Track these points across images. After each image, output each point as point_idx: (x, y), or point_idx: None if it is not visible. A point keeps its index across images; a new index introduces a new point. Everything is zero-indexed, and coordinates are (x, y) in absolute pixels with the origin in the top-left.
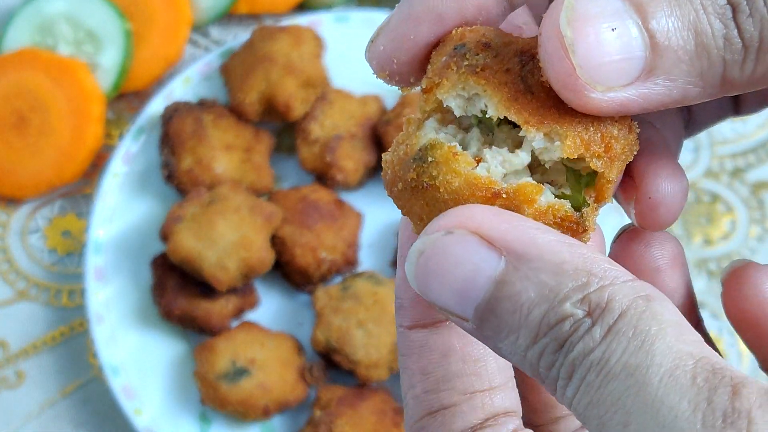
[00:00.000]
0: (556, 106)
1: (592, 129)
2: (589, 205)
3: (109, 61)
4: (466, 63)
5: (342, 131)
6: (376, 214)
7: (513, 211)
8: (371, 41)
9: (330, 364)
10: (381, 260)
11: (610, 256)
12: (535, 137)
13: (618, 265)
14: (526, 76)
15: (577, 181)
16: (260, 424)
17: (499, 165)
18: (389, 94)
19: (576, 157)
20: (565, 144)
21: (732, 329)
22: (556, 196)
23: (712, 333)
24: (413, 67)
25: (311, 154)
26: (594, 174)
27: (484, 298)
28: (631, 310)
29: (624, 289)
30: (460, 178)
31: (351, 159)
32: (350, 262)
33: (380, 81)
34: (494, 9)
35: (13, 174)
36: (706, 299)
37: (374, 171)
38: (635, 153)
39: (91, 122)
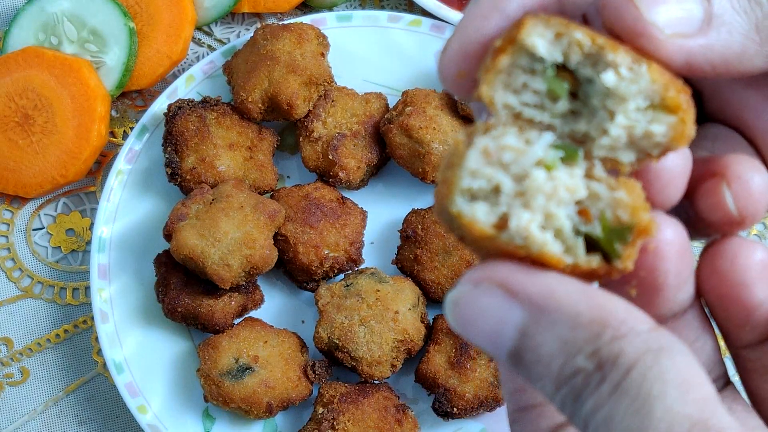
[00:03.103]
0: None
1: (667, 71)
2: (620, 256)
3: (113, 59)
4: (542, 15)
5: (345, 129)
6: (379, 211)
7: (540, 265)
8: (443, 49)
9: (333, 361)
10: (384, 258)
11: (697, 273)
12: (624, 60)
13: (638, 311)
14: (595, 29)
15: (615, 236)
16: (263, 421)
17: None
18: (392, 92)
19: (662, 83)
20: (652, 68)
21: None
22: (590, 238)
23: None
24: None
25: (314, 152)
26: (627, 229)
27: (513, 346)
28: (638, 366)
29: (636, 341)
30: (486, 242)
31: (354, 157)
32: (353, 260)
33: (383, 80)
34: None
35: (18, 172)
36: None
37: (377, 169)
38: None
39: (95, 121)
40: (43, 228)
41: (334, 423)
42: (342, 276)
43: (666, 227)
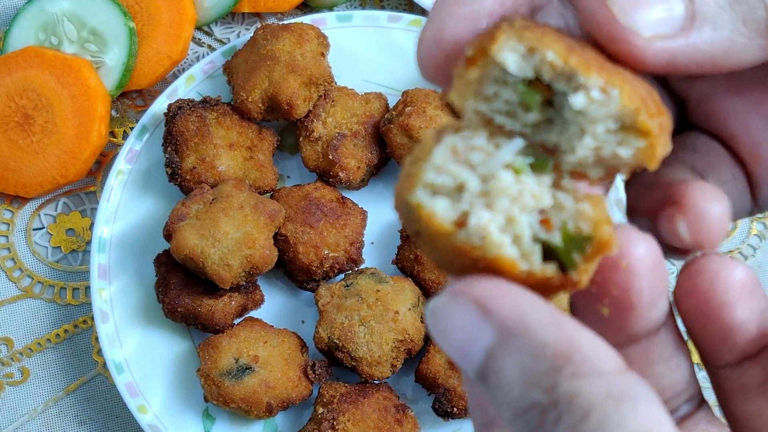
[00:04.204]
0: (606, 62)
1: (644, 89)
2: (577, 268)
3: (113, 59)
4: (517, 24)
5: (345, 129)
6: (379, 211)
7: (493, 272)
8: (418, 42)
9: (333, 361)
10: (384, 258)
11: (674, 291)
12: (595, 84)
13: (606, 348)
14: (574, 37)
15: (574, 246)
16: (263, 421)
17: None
18: (392, 92)
19: (633, 108)
20: (623, 93)
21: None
22: (546, 246)
23: None
24: (459, 48)
25: (314, 152)
26: (586, 240)
27: (479, 365)
28: (596, 412)
29: (597, 383)
30: (442, 239)
31: (354, 157)
32: (353, 260)
33: (383, 80)
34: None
35: (18, 172)
36: None
37: (377, 169)
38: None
39: (95, 121)
40: (43, 228)
41: (334, 423)
42: (342, 276)
43: (638, 244)
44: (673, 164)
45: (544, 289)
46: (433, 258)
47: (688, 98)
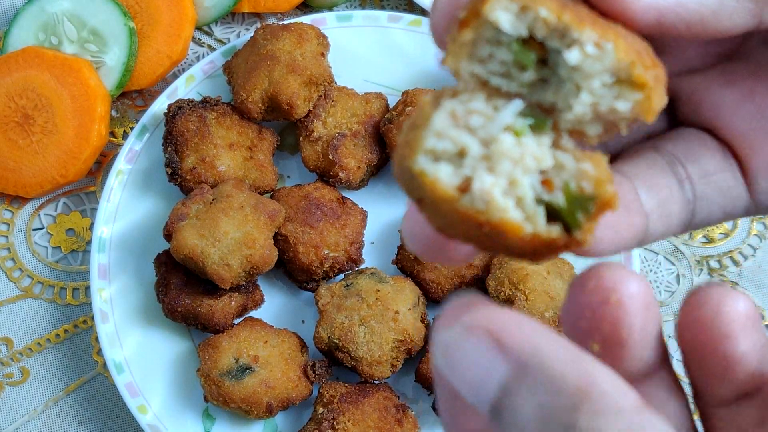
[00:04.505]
0: (599, 18)
1: (638, 43)
2: (581, 227)
3: (113, 59)
4: None
5: (345, 129)
6: (380, 211)
7: (497, 236)
8: (432, 10)
9: (333, 361)
10: (384, 258)
11: (677, 323)
12: (589, 38)
13: (624, 385)
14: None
15: (577, 206)
16: (263, 421)
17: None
18: (392, 92)
19: (628, 62)
20: (618, 47)
21: None
22: (551, 208)
23: None
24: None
25: (314, 152)
26: (589, 199)
27: (493, 401)
28: None
29: (617, 421)
30: (446, 205)
31: (354, 157)
32: (354, 260)
33: (383, 80)
34: None
35: (18, 172)
36: None
37: (377, 169)
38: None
39: (95, 121)
40: (43, 228)
41: (334, 423)
42: (342, 276)
43: (630, 281)
44: (661, 159)
45: (548, 250)
46: (436, 224)
47: (680, 93)
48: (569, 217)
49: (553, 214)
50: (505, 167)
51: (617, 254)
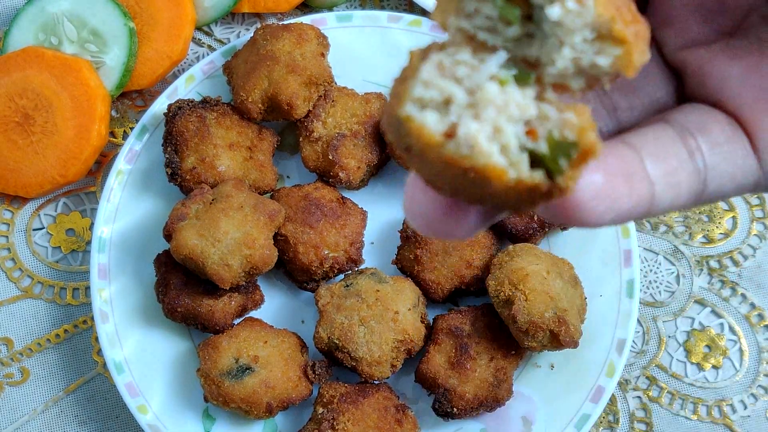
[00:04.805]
0: None
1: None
2: (563, 173)
3: (113, 59)
4: None
5: (345, 129)
6: (379, 211)
7: (482, 183)
8: None
9: (333, 361)
10: (384, 258)
11: None
12: None
13: None
14: None
15: (560, 152)
16: (263, 421)
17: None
18: None
19: (608, 17)
20: (598, 2)
21: (733, 330)
22: (534, 155)
23: (712, 330)
24: None
25: (314, 152)
26: (572, 146)
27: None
28: None
29: None
30: (432, 152)
31: (354, 157)
32: (353, 260)
33: (383, 80)
34: None
35: (18, 172)
36: (707, 297)
37: (377, 169)
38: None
39: (95, 121)
40: (43, 228)
41: (334, 423)
42: (342, 276)
43: None
44: (670, 129)
45: (532, 197)
46: (423, 174)
47: (685, 68)
48: (552, 163)
49: (537, 163)
50: (490, 114)
51: (619, 224)
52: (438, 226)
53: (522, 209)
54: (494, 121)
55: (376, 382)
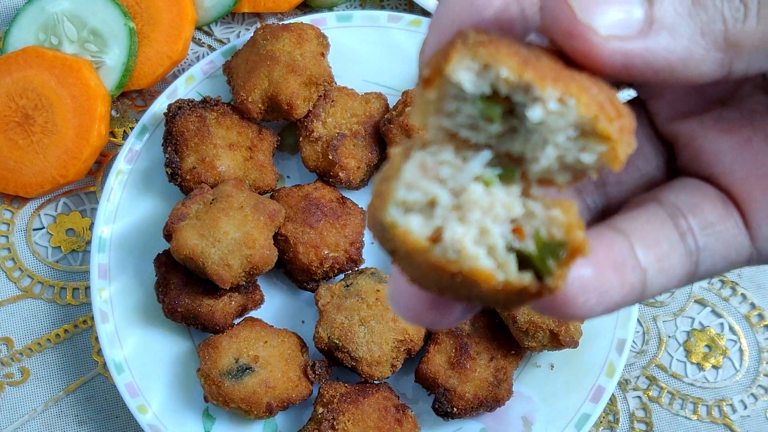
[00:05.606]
0: (564, 70)
1: (603, 93)
2: (552, 274)
3: (113, 59)
4: (470, 40)
5: (345, 129)
6: None
7: (470, 285)
8: (421, 49)
9: (333, 361)
10: (384, 258)
11: None
12: (551, 96)
13: None
14: (531, 48)
15: (548, 253)
16: (263, 421)
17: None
18: (392, 92)
19: (591, 116)
20: (580, 102)
21: (733, 330)
22: (521, 255)
23: (712, 330)
24: None
25: (314, 152)
26: (560, 246)
27: None
28: None
29: None
30: (418, 256)
31: (354, 157)
32: (354, 260)
33: (383, 80)
34: (513, 21)
35: (18, 172)
36: (707, 297)
37: (377, 169)
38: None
39: (95, 121)
40: (43, 228)
41: (334, 423)
42: (342, 276)
43: None
44: (660, 208)
45: (521, 297)
46: (410, 275)
47: (677, 140)
48: (540, 263)
49: (525, 262)
50: (476, 216)
51: (610, 313)
52: (423, 319)
53: (511, 307)
54: (480, 223)
55: (376, 382)
